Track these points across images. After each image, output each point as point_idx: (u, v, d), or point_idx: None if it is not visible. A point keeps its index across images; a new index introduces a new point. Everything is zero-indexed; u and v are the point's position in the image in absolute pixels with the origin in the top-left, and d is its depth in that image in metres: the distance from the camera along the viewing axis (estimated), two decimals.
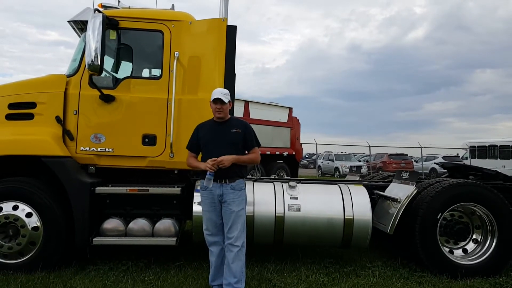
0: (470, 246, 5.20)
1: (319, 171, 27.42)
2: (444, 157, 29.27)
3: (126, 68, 5.42)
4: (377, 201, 5.56)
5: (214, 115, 4.20)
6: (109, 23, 4.80)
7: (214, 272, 4.22)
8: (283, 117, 14.79)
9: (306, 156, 35.52)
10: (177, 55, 4.97)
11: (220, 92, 4.14)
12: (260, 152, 4.48)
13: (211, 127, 4.23)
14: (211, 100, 4.14)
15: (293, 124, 15.16)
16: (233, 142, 4.10)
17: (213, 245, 4.20)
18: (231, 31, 5.09)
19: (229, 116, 4.29)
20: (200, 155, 4.30)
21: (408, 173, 5.61)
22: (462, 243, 5.21)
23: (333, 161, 27.80)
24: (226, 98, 4.11)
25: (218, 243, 4.18)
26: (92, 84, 4.87)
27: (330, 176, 25.86)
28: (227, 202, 4.06)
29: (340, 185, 5.39)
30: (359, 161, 31.52)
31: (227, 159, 3.97)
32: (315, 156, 31.59)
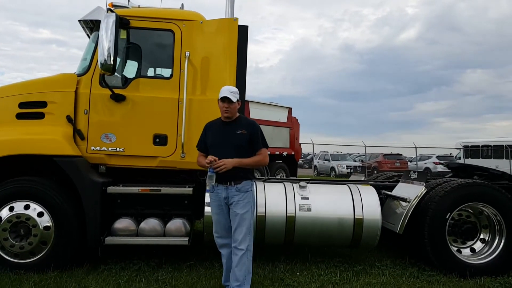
0: (478, 246, 5.26)
1: (315, 171, 27.49)
2: (438, 157, 29.51)
3: (136, 68, 5.40)
4: (385, 201, 5.61)
5: (221, 114, 4.08)
6: (121, 23, 4.78)
7: (226, 274, 4.19)
8: (282, 117, 14.82)
9: (302, 156, 35.60)
10: (188, 54, 4.96)
11: (228, 91, 4.00)
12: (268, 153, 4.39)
13: (218, 127, 4.12)
14: (219, 98, 4.03)
15: (292, 124, 15.20)
16: (237, 144, 3.97)
17: (223, 248, 4.15)
18: (243, 31, 5.10)
19: (238, 115, 4.14)
20: None
21: (416, 173, 5.66)
22: (470, 243, 5.27)
23: (329, 161, 27.93)
24: (234, 97, 3.98)
25: (228, 245, 4.10)
26: (103, 83, 4.85)
27: (325, 176, 25.97)
28: (233, 205, 3.96)
29: (349, 185, 5.43)
30: (355, 160, 31.67)
31: (228, 162, 3.85)
32: (310, 155, 31.64)
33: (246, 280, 3.95)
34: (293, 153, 14.93)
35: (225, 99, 3.96)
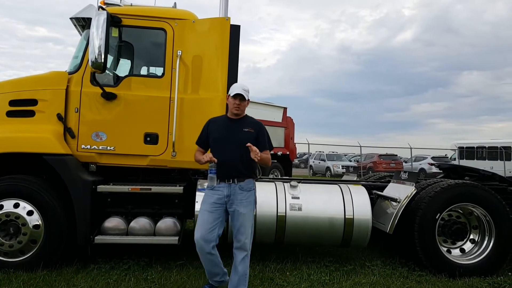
0: (468, 246, 5.29)
1: (311, 170, 27.54)
2: (433, 158, 29.65)
3: (128, 66, 5.40)
4: (376, 201, 5.63)
5: (230, 110, 4.00)
6: (112, 21, 4.77)
7: (208, 274, 4.12)
8: (277, 116, 14.81)
9: (297, 156, 35.66)
10: (180, 53, 4.95)
11: (242, 88, 3.94)
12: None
13: (223, 123, 4.04)
14: (231, 94, 3.94)
15: (287, 124, 15.20)
16: (243, 141, 3.81)
17: (202, 250, 3.87)
18: (235, 30, 5.09)
19: (244, 114, 4.08)
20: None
21: (407, 174, 5.67)
22: (460, 243, 5.29)
23: (324, 161, 27.98)
24: (246, 95, 3.94)
25: (206, 246, 3.84)
26: (94, 81, 4.83)
27: (321, 176, 26.01)
28: (235, 204, 3.86)
29: (340, 185, 5.44)
30: (350, 161, 31.74)
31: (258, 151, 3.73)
32: (306, 155, 31.69)
33: (246, 276, 3.92)
34: (287, 152, 14.95)
35: (237, 96, 3.90)
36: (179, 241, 4.72)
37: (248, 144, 3.74)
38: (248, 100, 4.01)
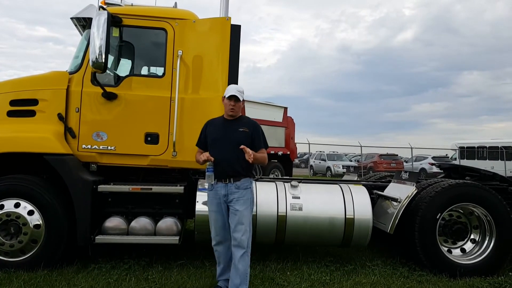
0: (468, 246, 5.28)
1: (311, 170, 27.53)
2: (433, 158, 29.62)
3: (128, 66, 5.40)
4: (376, 200, 5.62)
5: (226, 111, 4.14)
6: (113, 21, 4.77)
7: (221, 269, 4.21)
8: (278, 116, 14.81)
9: (298, 156, 35.65)
10: (180, 53, 4.95)
11: (236, 89, 4.07)
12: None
13: (219, 124, 4.16)
14: (226, 96, 4.07)
15: (287, 124, 15.20)
16: (238, 141, 3.95)
17: (219, 245, 4.14)
18: (235, 30, 5.09)
19: (240, 114, 4.21)
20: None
21: (408, 174, 5.67)
22: (460, 243, 5.29)
23: (325, 160, 27.98)
24: (241, 96, 4.06)
25: (223, 243, 4.13)
26: (94, 81, 4.83)
27: (322, 176, 26.01)
28: (232, 202, 3.99)
29: (341, 184, 5.44)
30: (350, 161, 31.74)
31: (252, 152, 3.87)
32: (307, 155, 31.68)
33: (247, 275, 4.00)
34: (288, 152, 14.94)
35: (232, 97, 4.03)
36: (179, 240, 4.72)
37: (242, 146, 3.86)
38: (244, 100, 4.13)
